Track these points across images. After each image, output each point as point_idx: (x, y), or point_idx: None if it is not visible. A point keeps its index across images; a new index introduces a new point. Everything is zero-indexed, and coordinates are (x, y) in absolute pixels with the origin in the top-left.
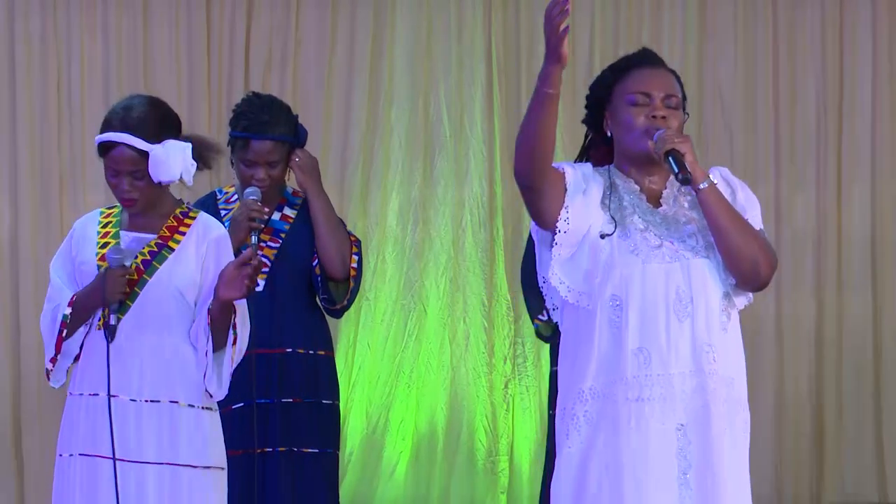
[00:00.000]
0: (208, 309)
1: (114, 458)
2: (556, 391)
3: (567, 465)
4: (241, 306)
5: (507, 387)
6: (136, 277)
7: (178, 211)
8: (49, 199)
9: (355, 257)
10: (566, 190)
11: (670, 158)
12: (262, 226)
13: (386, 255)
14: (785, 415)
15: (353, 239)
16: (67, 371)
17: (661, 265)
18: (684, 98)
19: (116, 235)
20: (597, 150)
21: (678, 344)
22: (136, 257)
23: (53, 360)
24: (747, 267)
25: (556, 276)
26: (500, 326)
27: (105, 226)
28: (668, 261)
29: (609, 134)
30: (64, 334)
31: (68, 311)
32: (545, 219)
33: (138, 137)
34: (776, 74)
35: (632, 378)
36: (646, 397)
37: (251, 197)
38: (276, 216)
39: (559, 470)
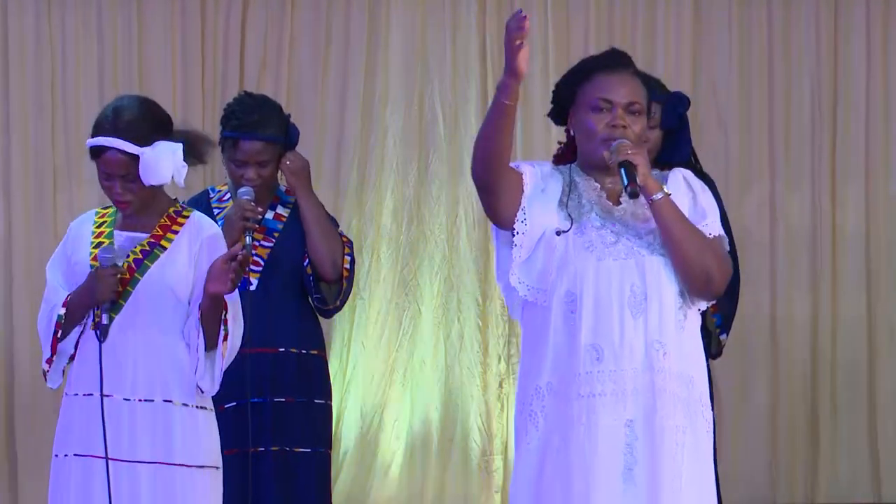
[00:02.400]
0: (199, 305)
1: (106, 458)
2: None
3: (525, 462)
4: (235, 303)
5: (501, 386)
6: (128, 276)
7: (171, 210)
8: (43, 198)
9: (347, 258)
10: (523, 191)
11: (622, 170)
12: (256, 225)
13: (380, 253)
14: (779, 414)
15: (344, 240)
16: (63, 371)
17: (615, 262)
18: (652, 101)
19: (110, 235)
20: (564, 146)
21: (632, 341)
22: (129, 256)
23: (49, 361)
24: (700, 278)
25: (516, 276)
26: (495, 325)
27: (100, 225)
28: (622, 257)
29: (572, 133)
30: (59, 335)
31: (62, 311)
32: (502, 219)
33: (128, 141)
34: (771, 73)
35: (584, 374)
36: (597, 393)
37: (245, 196)
38: (269, 215)
39: (518, 466)
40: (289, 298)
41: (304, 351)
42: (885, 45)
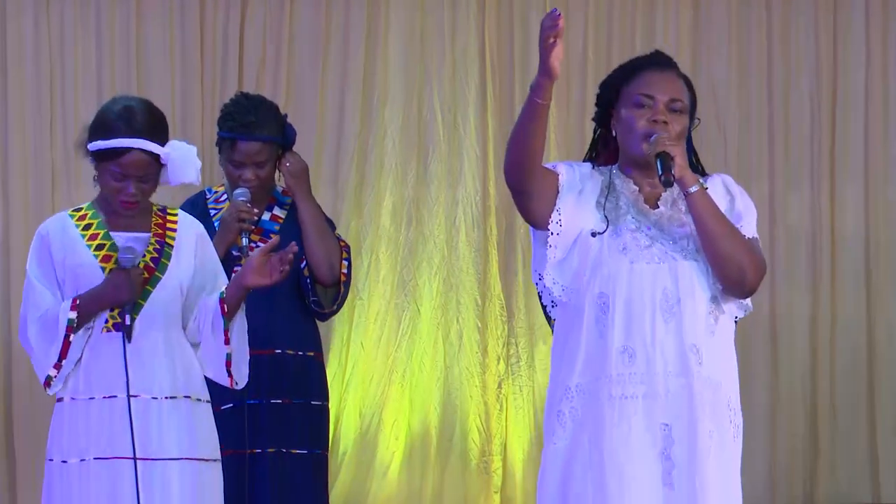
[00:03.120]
0: (221, 298)
1: (134, 458)
2: None
3: (552, 462)
4: None
5: (500, 386)
6: (147, 276)
7: (156, 209)
8: (41, 198)
9: (345, 263)
10: (558, 192)
11: (658, 161)
12: (252, 227)
13: (379, 254)
14: (779, 415)
15: (342, 245)
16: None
17: (649, 265)
18: (694, 103)
19: (107, 236)
20: (605, 149)
21: (664, 344)
22: (145, 256)
23: (58, 367)
24: (733, 272)
25: (550, 276)
26: (494, 326)
27: (86, 227)
28: (656, 261)
29: (614, 133)
30: (71, 339)
31: (73, 314)
32: (536, 220)
33: (153, 142)
34: (770, 73)
35: (616, 376)
36: (629, 395)
37: (241, 198)
38: (265, 216)
39: (545, 466)
40: (286, 300)
41: (300, 353)
42: (884, 45)
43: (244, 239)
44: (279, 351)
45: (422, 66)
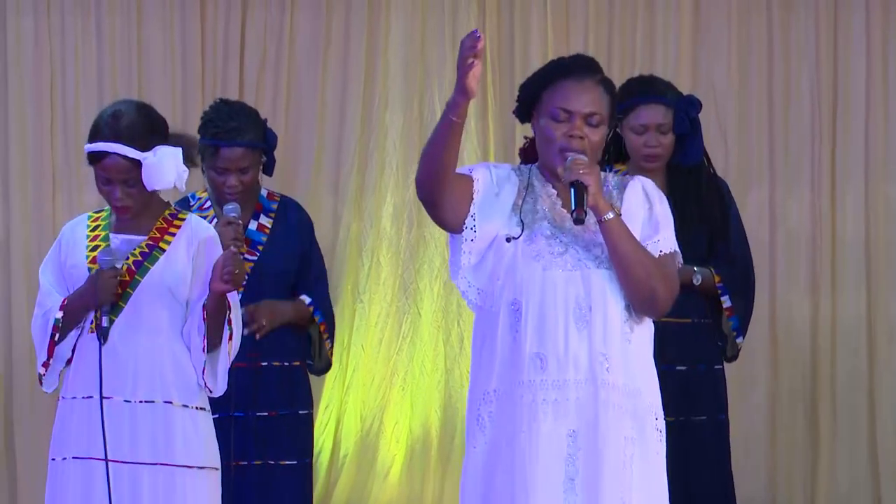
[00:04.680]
0: (203, 305)
1: (106, 460)
2: None
3: (473, 466)
4: (236, 305)
5: None
6: (128, 279)
7: (166, 213)
8: (42, 200)
9: (328, 342)
10: (472, 197)
11: (572, 191)
12: (242, 245)
13: (380, 257)
14: (779, 415)
15: (322, 328)
16: (59, 375)
17: (562, 273)
18: (614, 109)
19: (106, 238)
20: (530, 142)
21: (577, 352)
22: (128, 258)
23: (46, 365)
24: (645, 298)
25: (465, 279)
26: None
27: (94, 229)
28: (569, 269)
29: (534, 134)
30: (56, 338)
31: (60, 314)
32: (449, 227)
33: (130, 146)
34: (770, 76)
35: (528, 382)
36: (540, 401)
37: (232, 214)
38: (252, 225)
39: (466, 470)
40: None
41: (286, 363)
42: (885, 47)
43: None
44: (265, 363)
45: (422, 69)
